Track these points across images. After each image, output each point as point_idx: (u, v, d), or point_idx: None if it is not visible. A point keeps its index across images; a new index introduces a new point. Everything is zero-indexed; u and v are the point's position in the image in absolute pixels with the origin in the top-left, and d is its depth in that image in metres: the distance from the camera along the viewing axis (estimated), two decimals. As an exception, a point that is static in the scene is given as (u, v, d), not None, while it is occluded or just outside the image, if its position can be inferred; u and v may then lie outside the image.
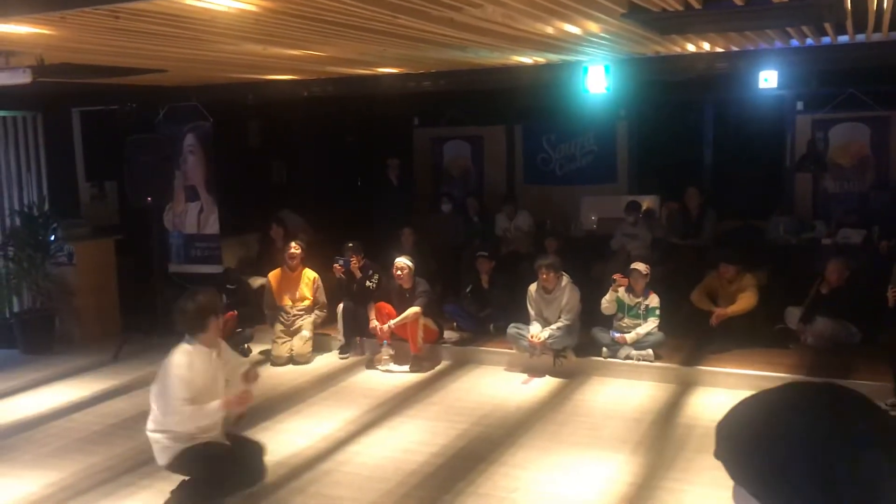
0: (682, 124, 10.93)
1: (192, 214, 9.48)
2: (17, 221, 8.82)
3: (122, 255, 9.34)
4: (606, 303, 7.37)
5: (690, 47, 6.75)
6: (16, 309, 8.75)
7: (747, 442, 1.10)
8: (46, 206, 8.95)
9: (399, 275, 7.78)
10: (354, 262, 8.08)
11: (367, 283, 8.16)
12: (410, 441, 5.87)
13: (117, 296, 9.28)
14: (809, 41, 6.53)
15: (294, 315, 8.21)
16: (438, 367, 7.71)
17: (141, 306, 9.06)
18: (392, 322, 7.64)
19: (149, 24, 4.57)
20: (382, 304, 7.83)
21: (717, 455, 1.15)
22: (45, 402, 6.94)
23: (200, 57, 6.32)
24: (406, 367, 7.60)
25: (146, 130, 9.09)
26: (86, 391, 7.22)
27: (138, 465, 5.50)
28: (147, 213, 9.00)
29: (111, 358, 8.23)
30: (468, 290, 8.34)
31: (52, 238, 8.78)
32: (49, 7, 3.89)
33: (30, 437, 6.12)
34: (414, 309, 7.60)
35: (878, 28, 5.85)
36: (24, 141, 9.23)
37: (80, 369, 7.91)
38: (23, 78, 5.49)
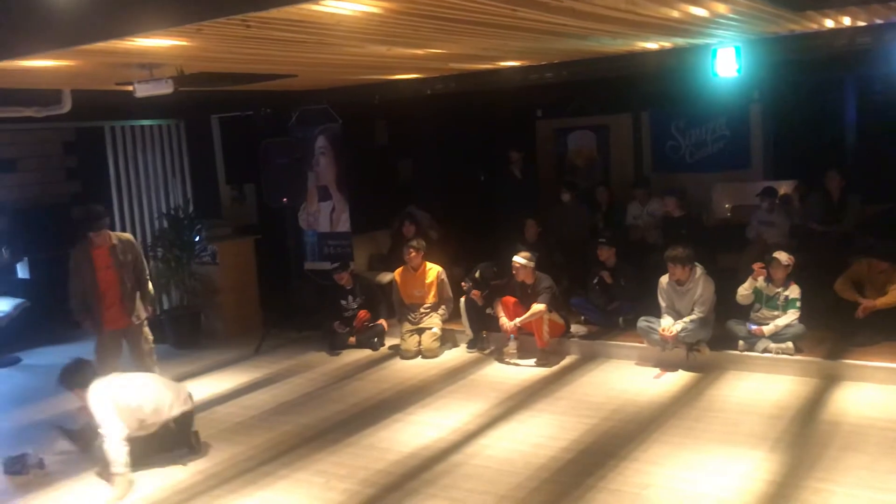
0: (821, 105, 10.33)
1: (325, 214, 9.79)
2: (165, 224, 9.40)
3: (261, 254, 9.78)
4: (744, 292, 7.09)
5: (829, 23, 6.37)
6: (165, 306, 9.30)
7: None
8: (191, 209, 9.48)
9: (515, 273, 7.78)
10: (476, 294, 8.13)
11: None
12: (539, 435, 5.85)
13: (257, 293, 9.74)
14: (966, 8, 6.04)
15: (421, 312, 8.36)
16: (566, 362, 7.65)
17: (279, 303, 9.47)
18: (518, 320, 7.64)
19: (277, 30, 4.75)
20: (508, 297, 7.84)
21: None
22: (193, 394, 7.34)
23: (327, 60, 6.51)
24: (532, 361, 7.59)
25: (280, 134, 9.48)
26: (229, 384, 7.61)
27: (277, 456, 5.77)
28: (283, 214, 9.38)
29: (253, 352, 8.64)
30: (595, 281, 8.19)
31: (197, 239, 9.30)
32: (186, 20, 4.11)
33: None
34: (538, 307, 7.56)
35: None
36: (169, 148, 9.84)
37: (225, 363, 8.35)
38: (165, 88, 5.84)
